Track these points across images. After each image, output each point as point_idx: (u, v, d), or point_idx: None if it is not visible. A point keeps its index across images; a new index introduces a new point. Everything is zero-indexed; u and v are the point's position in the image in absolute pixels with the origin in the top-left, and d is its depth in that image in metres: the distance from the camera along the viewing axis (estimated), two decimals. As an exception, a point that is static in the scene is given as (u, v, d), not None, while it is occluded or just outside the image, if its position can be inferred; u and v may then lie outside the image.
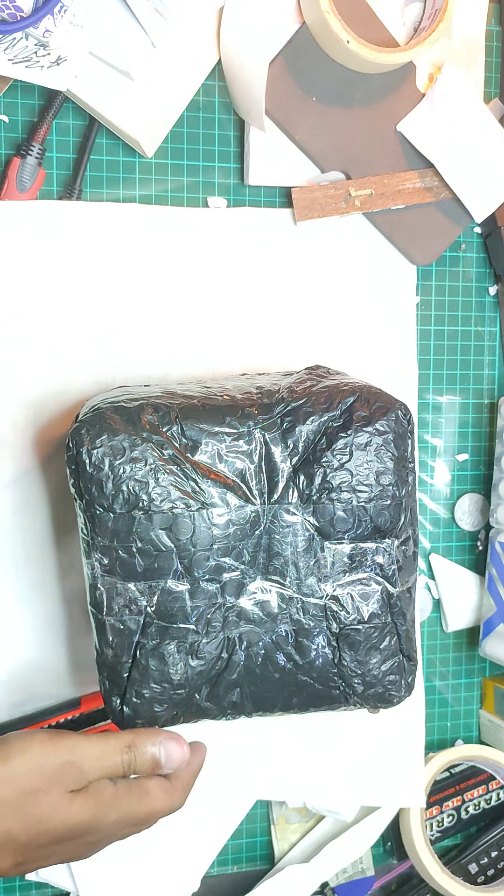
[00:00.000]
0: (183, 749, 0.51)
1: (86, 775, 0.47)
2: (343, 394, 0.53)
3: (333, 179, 0.65)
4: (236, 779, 0.65)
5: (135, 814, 0.49)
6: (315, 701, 0.54)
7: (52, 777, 0.46)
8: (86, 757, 0.48)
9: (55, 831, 0.46)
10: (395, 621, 0.54)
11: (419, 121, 0.64)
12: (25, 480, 0.60)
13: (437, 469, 0.71)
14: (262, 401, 0.52)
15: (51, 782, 0.46)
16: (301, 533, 0.52)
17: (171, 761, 0.51)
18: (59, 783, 0.46)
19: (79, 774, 0.47)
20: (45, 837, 0.46)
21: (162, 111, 0.60)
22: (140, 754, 0.49)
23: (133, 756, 0.49)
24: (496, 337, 0.72)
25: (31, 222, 0.59)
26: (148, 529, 0.50)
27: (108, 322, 0.61)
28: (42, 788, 0.46)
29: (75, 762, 0.47)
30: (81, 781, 0.47)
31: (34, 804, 0.46)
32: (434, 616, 0.71)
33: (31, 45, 0.53)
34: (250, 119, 0.62)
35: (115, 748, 0.49)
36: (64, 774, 0.46)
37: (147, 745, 0.50)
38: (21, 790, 0.46)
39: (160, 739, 0.50)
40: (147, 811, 0.50)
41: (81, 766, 0.47)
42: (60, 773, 0.46)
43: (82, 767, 0.47)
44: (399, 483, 0.53)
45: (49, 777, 0.46)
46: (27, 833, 0.46)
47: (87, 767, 0.47)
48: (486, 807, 0.73)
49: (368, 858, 0.71)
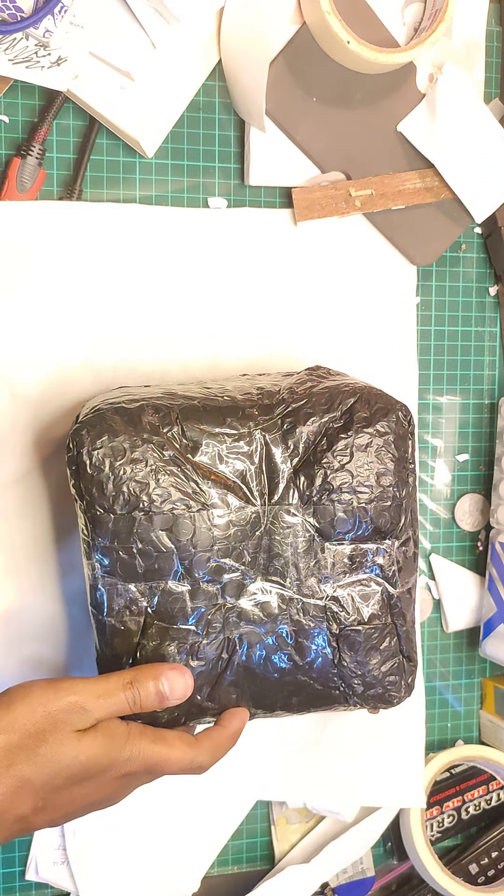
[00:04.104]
0: (185, 678, 0.50)
1: (91, 713, 0.47)
2: (343, 395, 0.53)
3: (333, 180, 0.65)
4: (236, 779, 0.65)
5: (150, 755, 0.48)
6: (315, 701, 0.54)
7: (57, 717, 0.46)
8: (88, 695, 0.47)
9: (68, 769, 0.46)
10: (396, 622, 0.54)
11: (419, 121, 0.64)
12: (26, 480, 0.60)
13: (438, 469, 0.71)
14: (262, 402, 0.52)
15: (56, 722, 0.46)
16: (301, 534, 0.52)
17: (175, 691, 0.49)
18: (64, 723, 0.46)
19: (84, 713, 0.46)
20: (59, 777, 0.46)
21: (162, 111, 0.60)
22: (143, 688, 0.48)
23: (136, 692, 0.48)
24: (496, 337, 0.72)
25: (31, 222, 0.59)
26: (148, 530, 0.49)
27: (109, 322, 0.61)
28: (48, 729, 0.46)
29: (78, 701, 0.46)
30: (88, 720, 0.47)
31: (42, 745, 0.45)
32: (434, 616, 0.71)
33: (32, 45, 0.53)
34: (250, 119, 0.62)
35: (117, 685, 0.48)
36: (68, 714, 0.46)
37: (148, 679, 0.49)
38: (27, 733, 0.45)
39: (161, 671, 0.49)
40: (163, 756, 0.48)
41: (85, 705, 0.47)
42: (65, 713, 0.46)
43: (86, 706, 0.47)
44: (399, 484, 0.53)
45: (53, 717, 0.46)
46: (41, 774, 0.45)
47: (90, 706, 0.47)
48: (486, 807, 0.73)
49: (369, 859, 0.71)
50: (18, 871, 0.63)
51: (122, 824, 0.63)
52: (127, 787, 0.49)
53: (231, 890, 0.68)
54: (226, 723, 0.52)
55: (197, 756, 0.50)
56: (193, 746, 0.50)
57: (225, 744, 0.51)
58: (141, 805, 0.63)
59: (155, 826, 0.64)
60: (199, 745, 0.50)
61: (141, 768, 0.48)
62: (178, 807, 0.64)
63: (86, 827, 0.63)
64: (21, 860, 0.63)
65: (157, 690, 0.49)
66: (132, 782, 0.49)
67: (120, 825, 0.63)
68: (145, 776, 0.49)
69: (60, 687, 0.47)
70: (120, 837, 0.63)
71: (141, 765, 0.48)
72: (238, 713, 0.53)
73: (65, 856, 0.63)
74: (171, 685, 0.49)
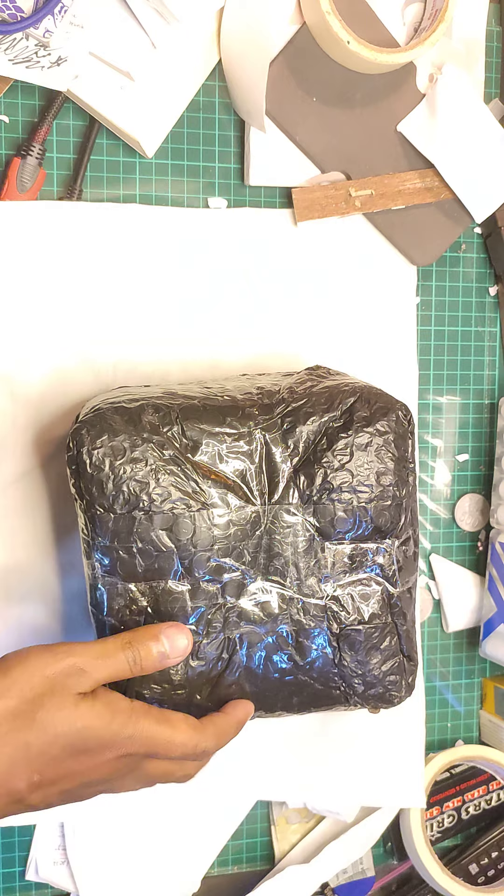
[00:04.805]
0: (185, 633, 0.49)
1: (90, 675, 0.46)
2: (343, 394, 0.53)
3: (334, 180, 0.65)
4: (236, 779, 0.65)
5: (153, 735, 0.47)
6: (315, 701, 0.54)
7: (55, 680, 0.45)
8: (87, 656, 0.46)
9: (65, 737, 0.44)
10: (396, 621, 0.54)
11: (419, 121, 0.64)
12: (26, 480, 0.60)
13: (438, 469, 0.71)
14: (262, 401, 0.52)
15: (54, 686, 0.45)
16: (301, 533, 0.52)
17: (175, 649, 0.48)
18: (62, 686, 0.45)
19: (82, 674, 0.45)
20: (55, 746, 0.44)
21: (162, 111, 0.60)
22: (143, 649, 0.47)
23: (136, 651, 0.47)
24: (496, 337, 0.72)
25: (31, 222, 0.59)
26: (148, 530, 0.49)
27: (109, 322, 0.61)
28: (45, 693, 0.44)
29: (76, 663, 0.45)
30: (87, 682, 0.46)
31: (40, 710, 0.44)
32: (434, 616, 0.71)
33: (32, 45, 0.53)
34: (250, 119, 0.62)
35: (115, 646, 0.47)
36: (67, 677, 0.45)
37: (147, 639, 0.48)
38: (24, 698, 0.44)
39: (160, 630, 0.48)
40: (166, 737, 0.47)
41: (83, 666, 0.46)
42: (63, 676, 0.45)
43: (84, 667, 0.46)
44: (399, 483, 0.53)
45: (52, 681, 0.45)
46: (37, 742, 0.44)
47: (89, 667, 0.46)
48: (486, 807, 0.73)
49: (369, 859, 0.71)
50: (18, 871, 0.63)
51: (122, 824, 0.63)
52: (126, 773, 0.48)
53: (231, 890, 0.68)
54: (229, 710, 0.51)
55: (201, 741, 0.48)
56: (198, 730, 0.48)
57: (229, 731, 0.50)
58: (141, 805, 0.63)
59: (155, 826, 0.64)
60: (203, 729, 0.49)
61: (143, 749, 0.47)
62: (179, 807, 0.64)
63: (86, 827, 0.63)
64: (21, 860, 0.63)
65: (158, 652, 0.48)
66: (132, 767, 0.48)
67: (120, 825, 0.63)
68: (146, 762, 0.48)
69: (58, 650, 0.46)
70: (120, 837, 0.63)
71: (143, 745, 0.47)
72: (242, 703, 0.52)
73: (65, 856, 0.63)
74: (171, 643, 0.48)
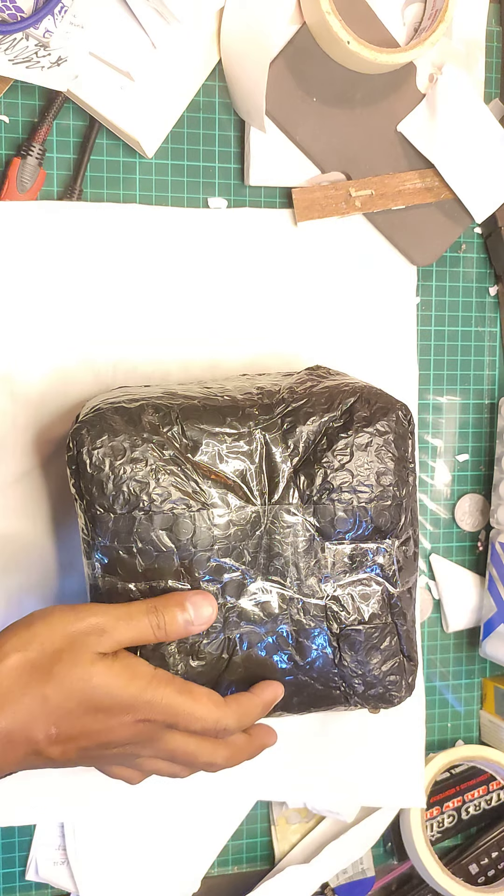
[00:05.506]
0: (210, 601, 0.49)
1: (111, 635, 0.46)
2: (343, 394, 0.53)
3: (334, 180, 0.65)
4: (236, 779, 0.65)
5: (173, 704, 0.46)
6: (316, 701, 0.54)
7: (76, 638, 0.45)
8: (109, 617, 0.46)
9: (81, 692, 0.45)
10: (396, 622, 0.54)
11: (419, 121, 0.64)
12: (26, 480, 0.60)
13: (438, 469, 0.71)
14: (262, 401, 0.52)
15: (74, 643, 0.45)
16: (301, 533, 0.52)
17: (200, 616, 0.48)
18: (82, 644, 0.45)
19: (103, 634, 0.46)
20: (71, 700, 0.45)
21: (162, 111, 0.60)
22: (168, 614, 0.47)
23: (161, 617, 0.47)
24: (496, 337, 0.72)
25: (31, 222, 0.59)
26: (148, 530, 0.49)
27: (109, 322, 0.61)
28: (65, 648, 0.45)
29: (98, 623, 0.46)
30: (108, 643, 0.46)
31: (58, 664, 0.45)
32: (434, 616, 0.71)
33: (32, 45, 0.53)
34: (250, 119, 0.62)
35: (140, 609, 0.47)
36: (87, 636, 0.45)
37: (172, 605, 0.48)
38: (44, 652, 0.45)
39: (185, 597, 0.48)
40: (187, 709, 0.47)
41: (105, 626, 0.46)
42: (83, 635, 0.45)
43: (106, 627, 0.46)
44: (399, 483, 0.53)
45: (72, 637, 0.45)
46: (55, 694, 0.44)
47: (111, 627, 0.46)
48: (486, 807, 0.73)
49: (369, 859, 0.71)
50: (18, 871, 0.63)
51: (122, 824, 0.63)
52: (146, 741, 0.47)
53: (231, 890, 0.68)
54: (257, 691, 0.51)
55: (223, 717, 0.48)
56: (220, 707, 0.48)
57: (253, 712, 0.50)
58: (141, 805, 0.63)
59: (155, 826, 0.64)
60: (226, 706, 0.48)
61: (161, 716, 0.46)
62: (178, 807, 0.64)
63: (86, 827, 0.63)
64: (21, 860, 0.63)
65: (184, 620, 0.48)
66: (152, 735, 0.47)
67: (120, 825, 0.63)
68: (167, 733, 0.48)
69: (81, 609, 0.46)
70: (120, 837, 0.63)
71: (163, 713, 0.46)
72: (271, 684, 0.51)
73: (65, 856, 0.63)
74: (196, 611, 0.48)
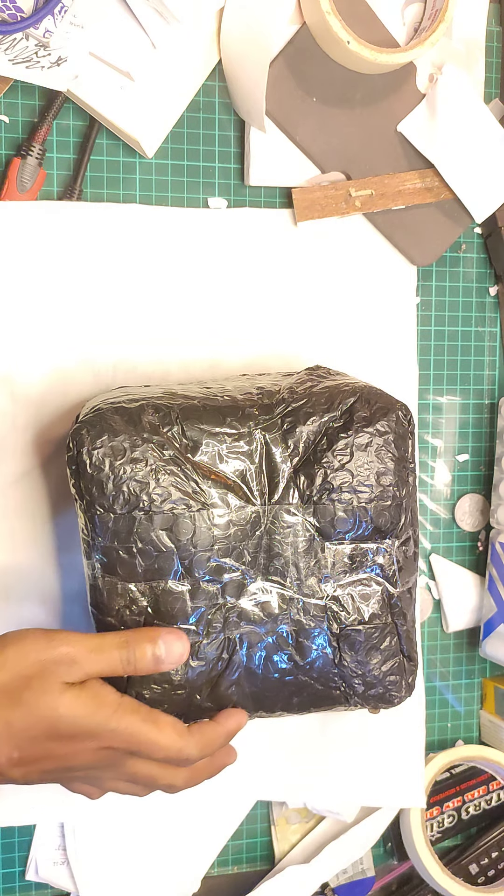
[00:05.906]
0: (182, 641, 0.49)
1: (81, 667, 0.46)
2: (343, 394, 0.53)
3: (333, 180, 0.65)
4: (236, 779, 0.65)
5: (137, 733, 0.47)
6: (316, 701, 0.54)
7: (46, 666, 0.46)
8: (81, 648, 0.47)
9: (46, 720, 0.45)
10: (396, 622, 0.54)
11: (419, 121, 0.64)
12: (26, 480, 0.60)
13: (438, 469, 0.71)
14: (262, 401, 0.52)
15: (45, 670, 0.46)
16: (301, 533, 0.52)
17: (171, 654, 0.48)
18: (53, 673, 0.46)
19: (72, 665, 0.46)
20: (36, 728, 0.45)
21: (162, 111, 0.60)
22: (139, 649, 0.48)
23: (132, 652, 0.48)
24: (496, 337, 0.72)
25: (31, 222, 0.59)
26: (148, 530, 0.49)
27: (109, 322, 0.61)
28: (35, 675, 0.45)
29: (70, 653, 0.46)
30: (77, 673, 0.46)
31: (26, 690, 0.45)
32: (434, 616, 0.71)
33: (32, 45, 0.53)
34: (250, 119, 0.62)
35: (112, 643, 0.48)
36: (57, 664, 0.46)
37: (144, 641, 0.48)
38: (15, 676, 0.45)
39: (158, 634, 0.48)
40: (150, 738, 0.47)
41: (77, 657, 0.46)
42: (54, 664, 0.46)
43: (77, 658, 0.46)
44: (399, 483, 0.53)
45: (43, 665, 0.46)
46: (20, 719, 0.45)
47: (81, 658, 0.46)
48: (486, 807, 0.73)
49: (369, 859, 0.71)
50: (18, 871, 0.63)
51: (122, 824, 0.63)
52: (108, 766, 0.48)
53: (231, 890, 0.68)
54: (221, 720, 0.51)
55: (185, 747, 0.48)
56: (183, 736, 0.49)
57: (216, 741, 0.50)
58: (141, 805, 0.63)
59: (155, 826, 0.64)
60: (189, 735, 0.49)
61: (124, 745, 0.47)
62: (178, 807, 0.64)
63: (86, 827, 0.63)
64: (21, 860, 0.63)
65: (153, 656, 0.48)
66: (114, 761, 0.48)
67: (120, 825, 0.63)
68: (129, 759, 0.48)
69: (55, 637, 0.47)
70: (120, 837, 0.63)
71: (125, 741, 0.47)
72: (235, 713, 0.52)
73: (65, 856, 0.63)
74: (168, 648, 0.48)
